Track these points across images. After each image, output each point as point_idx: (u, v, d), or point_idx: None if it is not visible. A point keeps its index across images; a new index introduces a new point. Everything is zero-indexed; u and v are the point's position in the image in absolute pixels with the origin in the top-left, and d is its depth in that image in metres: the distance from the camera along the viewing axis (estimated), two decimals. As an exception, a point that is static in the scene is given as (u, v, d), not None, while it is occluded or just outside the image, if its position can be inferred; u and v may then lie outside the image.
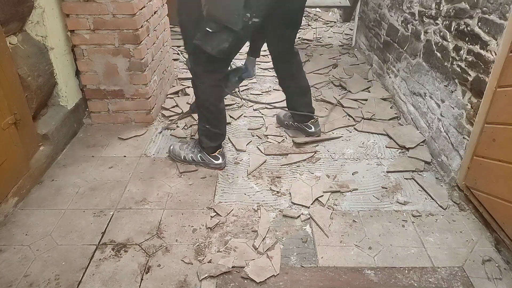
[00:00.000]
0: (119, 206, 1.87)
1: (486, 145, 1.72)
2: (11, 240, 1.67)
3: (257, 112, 2.73)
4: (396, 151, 2.30)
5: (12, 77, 1.82)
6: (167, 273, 1.53)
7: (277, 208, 1.87)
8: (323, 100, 2.87)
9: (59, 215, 1.81)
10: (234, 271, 1.54)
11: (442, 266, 1.57)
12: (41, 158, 2.06)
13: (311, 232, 1.74)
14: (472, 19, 1.84)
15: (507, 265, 1.57)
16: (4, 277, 1.50)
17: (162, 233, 1.72)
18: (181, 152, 2.15)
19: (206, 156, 2.11)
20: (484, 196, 1.73)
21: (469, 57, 1.87)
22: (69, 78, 2.37)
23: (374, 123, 2.57)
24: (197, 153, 2.12)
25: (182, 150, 2.16)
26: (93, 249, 1.63)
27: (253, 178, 2.08)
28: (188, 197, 1.94)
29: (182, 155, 2.14)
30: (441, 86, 2.16)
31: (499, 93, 1.64)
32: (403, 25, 2.74)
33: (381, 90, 3.01)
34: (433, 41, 2.26)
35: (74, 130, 2.42)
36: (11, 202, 1.81)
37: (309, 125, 2.39)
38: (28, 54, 2.02)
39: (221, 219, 1.79)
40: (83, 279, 1.50)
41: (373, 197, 1.95)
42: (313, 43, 4.12)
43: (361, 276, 1.53)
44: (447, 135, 2.08)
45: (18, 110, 1.84)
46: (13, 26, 1.94)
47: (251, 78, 3.23)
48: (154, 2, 2.57)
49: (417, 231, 1.74)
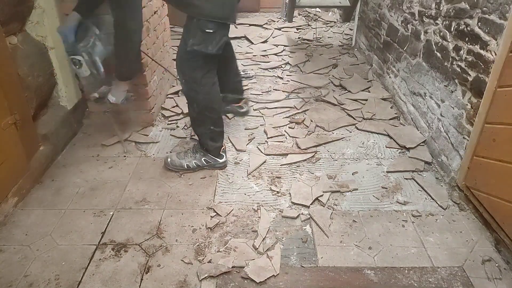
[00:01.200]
0: (119, 206, 1.87)
1: (486, 145, 1.72)
2: (11, 240, 1.67)
3: (257, 112, 2.73)
4: (396, 151, 2.30)
5: (12, 77, 1.82)
6: (167, 273, 1.53)
7: (277, 208, 1.87)
8: (323, 100, 2.87)
9: (59, 215, 1.81)
10: (234, 271, 1.54)
11: (442, 266, 1.57)
12: (41, 158, 2.06)
13: (311, 232, 1.74)
14: (472, 19, 1.84)
15: (507, 265, 1.57)
16: (4, 277, 1.50)
17: (162, 233, 1.72)
18: (183, 162, 2.08)
19: (211, 158, 2.08)
20: (484, 196, 1.73)
21: (469, 57, 1.87)
22: (69, 78, 2.37)
23: (375, 123, 2.57)
24: (201, 157, 2.08)
25: (183, 159, 2.08)
26: (93, 249, 1.63)
27: (253, 178, 2.08)
28: (188, 197, 1.94)
29: (185, 164, 2.07)
30: (441, 86, 2.16)
31: (499, 93, 1.64)
32: (403, 25, 2.74)
33: (381, 90, 3.01)
34: (433, 41, 2.26)
35: (74, 130, 2.42)
36: (11, 202, 1.81)
37: (240, 106, 2.43)
38: (28, 54, 2.02)
39: (221, 219, 1.79)
40: (83, 279, 1.50)
41: (373, 197, 1.95)
42: (313, 43, 4.12)
43: (361, 276, 1.53)
44: (447, 135, 2.08)
45: (18, 110, 1.84)
46: (13, 26, 1.94)
47: (251, 78, 3.24)
48: (154, 2, 2.57)
49: (417, 231, 1.74)
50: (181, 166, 2.08)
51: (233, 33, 4.34)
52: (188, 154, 2.10)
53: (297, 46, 4.02)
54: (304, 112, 2.72)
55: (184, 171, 2.09)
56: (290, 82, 3.18)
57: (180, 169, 2.09)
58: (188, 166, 2.07)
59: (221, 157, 2.11)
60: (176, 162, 2.08)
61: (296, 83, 3.16)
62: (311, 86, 3.09)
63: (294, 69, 3.46)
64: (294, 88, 3.06)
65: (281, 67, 3.51)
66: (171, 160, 2.09)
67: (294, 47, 3.97)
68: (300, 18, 5.01)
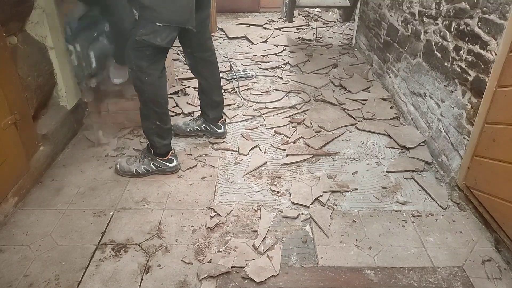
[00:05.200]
0: (119, 206, 1.87)
1: (486, 145, 1.72)
2: (11, 240, 1.67)
3: (257, 112, 2.73)
4: (396, 151, 2.30)
5: (12, 77, 1.82)
6: (167, 273, 1.53)
7: (277, 208, 1.87)
8: (323, 100, 2.87)
9: (59, 215, 1.81)
10: (234, 271, 1.54)
11: (442, 266, 1.57)
12: (41, 158, 2.06)
13: (311, 232, 1.74)
14: (472, 19, 1.84)
15: (507, 265, 1.57)
16: (4, 277, 1.50)
17: (162, 233, 1.72)
18: (131, 167, 2.05)
19: (160, 162, 2.04)
20: (484, 196, 1.73)
21: (469, 57, 1.87)
22: (69, 78, 2.37)
23: (375, 122, 2.57)
24: (149, 162, 2.04)
25: (132, 164, 2.06)
26: (93, 249, 1.63)
27: (253, 178, 2.08)
28: (188, 197, 1.94)
29: (133, 169, 2.04)
30: (441, 86, 2.16)
31: (499, 93, 1.64)
32: (403, 25, 2.74)
33: (381, 90, 3.01)
34: (433, 41, 2.26)
35: (74, 130, 2.42)
36: (11, 202, 1.81)
37: (219, 125, 2.37)
38: (28, 54, 2.02)
39: (221, 219, 1.79)
40: (83, 279, 1.50)
41: (373, 197, 1.95)
42: (313, 43, 4.12)
43: (361, 276, 1.53)
44: (447, 135, 2.08)
45: (18, 110, 1.84)
46: (13, 26, 1.94)
47: (251, 78, 3.24)
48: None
49: (417, 231, 1.74)
50: (130, 171, 2.05)
51: (233, 33, 4.35)
52: (137, 159, 2.07)
53: (297, 46, 4.02)
54: (304, 112, 2.72)
55: (133, 177, 2.06)
56: (290, 82, 3.18)
57: (130, 175, 2.06)
58: (137, 171, 2.05)
59: (171, 161, 2.06)
60: (125, 167, 2.06)
61: (296, 83, 3.16)
62: (311, 86, 3.09)
63: (294, 69, 3.46)
64: (294, 88, 3.06)
65: (281, 67, 3.51)
66: (120, 166, 2.07)
67: (294, 47, 3.97)
68: (300, 18, 5.01)
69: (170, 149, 2.07)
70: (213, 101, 2.32)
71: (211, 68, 2.23)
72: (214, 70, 2.26)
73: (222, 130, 2.39)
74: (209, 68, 2.22)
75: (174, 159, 2.08)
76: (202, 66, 2.20)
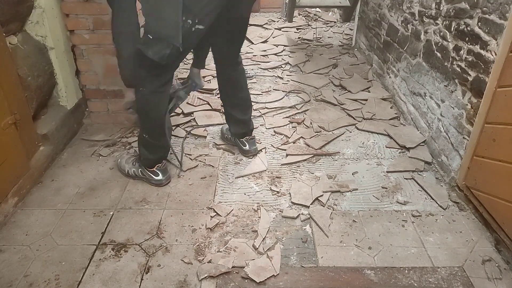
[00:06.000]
0: (119, 206, 1.87)
1: (486, 145, 1.72)
2: (11, 240, 1.67)
3: (257, 112, 2.73)
4: (396, 151, 2.30)
5: (12, 77, 1.82)
6: (167, 273, 1.53)
7: (277, 208, 1.87)
8: (323, 100, 2.87)
9: (59, 215, 1.81)
10: (234, 271, 1.54)
11: (442, 266, 1.57)
12: (41, 158, 2.06)
13: (311, 232, 1.74)
14: (472, 19, 1.84)
15: (507, 265, 1.57)
16: (4, 277, 1.50)
17: (162, 233, 1.72)
18: (126, 167, 2.04)
19: (145, 171, 1.98)
20: (484, 196, 1.73)
21: (469, 57, 1.87)
22: (69, 78, 2.37)
23: (375, 122, 2.58)
24: (138, 168, 2.00)
25: (128, 164, 2.04)
26: (93, 249, 1.63)
27: (253, 178, 2.08)
28: (188, 197, 1.94)
29: (127, 169, 2.03)
30: (441, 86, 2.16)
31: (499, 93, 1.64)
32: (403, 25, 2.74)
33: (381, 90, 3.01)
34: (433, 41, 2.26)
35: (74, 130, 2.43)
36: (11, 202, 1.81)
37: (243, 142, 2.22)
38: (28, 54, 2.02)
39: (221, 219, 1.79)
40: (83, 279, 1.50)
41: (373, 197, 1.95)
42: (313, 43, 4.12)
43: (361, 276, 1.53)
44: (447, 135, 2.08)
45: (18, 110, 1.84)
46: (13, 26, 1.94)
47: (251, 78, 3.23)
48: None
49: (417, 231, 1.74)
50: (124, 170, 2.05)
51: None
52: (132, 161, 2.06)
53: (297, 46, 4.02)
54: (304, 112, 2.72)
55: (126, 176, 2.06)
56: (290, 82, 3.18)
57: (123, 173, 2.06)
58: (128, 172, 2.03)
59: (156, 174, 1.97)
60: (122, 165, 2.07)
61: (296, 83, 3.16)
62: (311, 86, 3.09)
63: (294, 69, 3.46)
64: (294, 88, 3.06)
65: (281, 67, 3.51)
66: (120, 161, 2.09)
67: (294, 47, 3.97)
68: (300, 18, 5.01)
69: (158, 163, 1.98)
70: (233, 116, 2.19)
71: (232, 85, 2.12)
72: (235, 88, 2.13)
73: (247, 148, 2.22)
74: (230, 84, 2.12)
75: (160, 173, 1.97)
76: (222, 79, 2.12)
